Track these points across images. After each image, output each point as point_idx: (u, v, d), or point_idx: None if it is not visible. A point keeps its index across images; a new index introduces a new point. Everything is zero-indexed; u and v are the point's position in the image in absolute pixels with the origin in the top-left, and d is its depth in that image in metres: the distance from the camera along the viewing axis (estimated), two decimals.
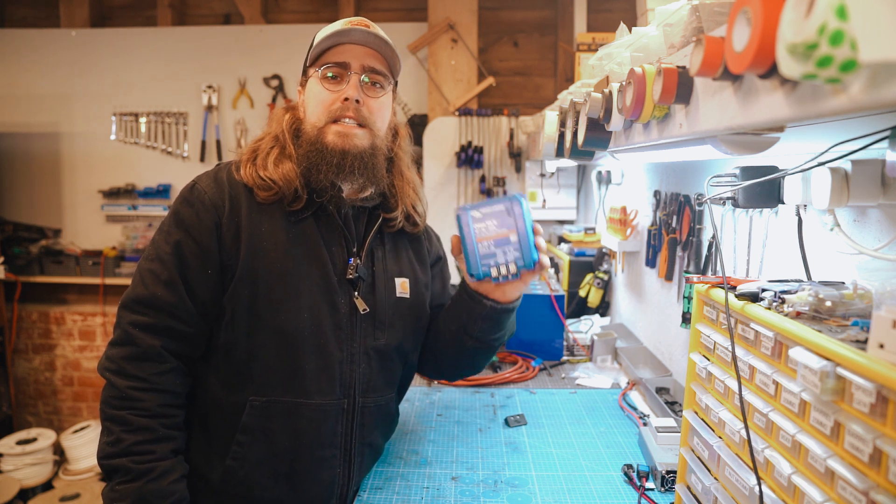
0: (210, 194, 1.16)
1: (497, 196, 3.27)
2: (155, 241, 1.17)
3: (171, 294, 1.12)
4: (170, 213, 1.18)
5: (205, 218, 1.14)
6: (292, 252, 1.16)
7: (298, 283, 1.16)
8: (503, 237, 1.19)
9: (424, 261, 1.40)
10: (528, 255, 1.17)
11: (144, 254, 1.18)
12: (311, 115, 1.22)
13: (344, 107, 1.18)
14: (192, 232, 1.14)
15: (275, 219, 1.17)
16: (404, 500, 1.25)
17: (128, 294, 1.15)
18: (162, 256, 1.14)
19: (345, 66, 1.18)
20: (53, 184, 3.91)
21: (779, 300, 0.83)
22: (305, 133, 1.22)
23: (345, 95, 1.18)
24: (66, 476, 3.46)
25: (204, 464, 1.18)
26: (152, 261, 1.14)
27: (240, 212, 1.16)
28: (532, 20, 3.64)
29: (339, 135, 1.18)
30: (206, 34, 3.76)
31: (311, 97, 1.22)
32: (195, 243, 1.14)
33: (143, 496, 1.05)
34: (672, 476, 1.26)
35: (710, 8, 0.76)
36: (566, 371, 2.08)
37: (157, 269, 1.13)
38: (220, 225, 1.15)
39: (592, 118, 1.18)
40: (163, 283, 1.12)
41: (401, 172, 1.32)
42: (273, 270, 1.14)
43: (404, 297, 1.30)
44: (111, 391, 1.10)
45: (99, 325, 4.00)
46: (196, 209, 1.15)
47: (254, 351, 1.15)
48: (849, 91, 0.45)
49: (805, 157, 0.96)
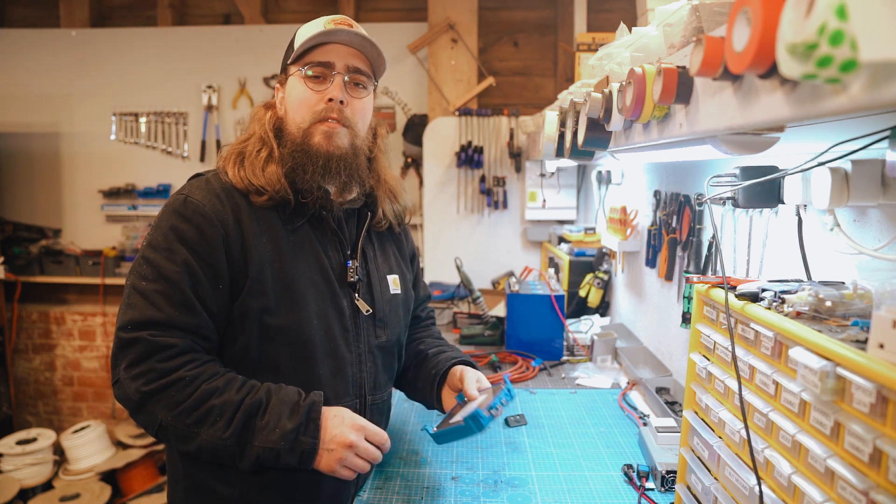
0: (210, 207, 1.10)
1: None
2: (151, 259, 1.08)
3: (190, 315, 1.07)
4: (163, 228, 1.10)
5: (210, 233, 1.09)
6: (294, 260, 1.16)
7: (305, 292, 1.15)
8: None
9: (405, 256, 1.45)
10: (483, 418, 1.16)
11: (138, 273, 1.08)
12: (294, 114, 1.19)
13: (328, 107, 1.17)
14: (196, 249, 1.08)
15: (273, 228, 1.15)
16: (404, 500, 1.25)
17: (133, 317, 1.05)
18: (169, 276, 1.06)
19: (329, 65, 1.17)
20: (53, 184, 3.91)
21: (779, 300, 0.83)
22: (289, 133, 1.19)
23: (329, 96, 1.16)
24: (66, 476, 3.46)
25: (218, 478, 1.14)
26: (156, 281, 1.06)
27: (242, 223, 1.12)
28: (532, 20, 3.64)
29: (325, 136, 1.16)
30: (206, 34, 3.76)
31: (292, 96, 1.20)
32: (203, 261, 1.08)
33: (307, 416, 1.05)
34: (672, 476, 1.26)
35: (710, 8, 0.76)
36: (566, 371, 2.08)
37: (165, 290, 1.06)
38: (227, 238, 1.10)
39: (592, 118, 1.18)
40: (177, 304, 1.06)
41: (381, 171, 1.33)
42: (280, 280, 1.13)
43: (397, 294, 1.34)
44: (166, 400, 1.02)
45: (99, 325, 4.00)
46: (196, 224, 1.09)
47: (267, 361, 1.14)
48: (849, 91, 0.45)
49: (805, 157, 0.96)
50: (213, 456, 1.04)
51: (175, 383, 1.03)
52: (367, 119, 1.26)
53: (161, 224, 1.11)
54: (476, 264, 3.29)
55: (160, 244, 1.09)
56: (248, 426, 1.03)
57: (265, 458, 1.04)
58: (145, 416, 1.05)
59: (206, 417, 1.02)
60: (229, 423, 1.02)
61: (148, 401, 1.03)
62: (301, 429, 1.04)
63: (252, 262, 1.11)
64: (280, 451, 1.03)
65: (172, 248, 1.08)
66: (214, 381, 1.05)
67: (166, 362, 1.04)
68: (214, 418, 1.03)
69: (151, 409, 1.03)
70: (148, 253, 1.09)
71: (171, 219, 1.11)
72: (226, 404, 1.03)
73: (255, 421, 1.04)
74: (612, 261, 2.52)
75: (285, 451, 1.03)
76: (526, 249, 3.38)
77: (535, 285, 2.30)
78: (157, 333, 1.04)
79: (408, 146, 3.57)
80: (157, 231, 1.11)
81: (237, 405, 1.04)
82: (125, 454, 3.56)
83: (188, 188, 1.15)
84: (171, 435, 1.05)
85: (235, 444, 1.03)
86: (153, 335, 1.04)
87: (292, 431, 1.03)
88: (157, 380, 1.02)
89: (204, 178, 1.18)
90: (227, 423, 1.02)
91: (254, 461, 1.04)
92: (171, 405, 1.02)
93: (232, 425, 1.02)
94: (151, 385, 1.02)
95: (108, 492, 3.29)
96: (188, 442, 1.04)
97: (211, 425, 1.02)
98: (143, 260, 1.10)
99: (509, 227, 3.36)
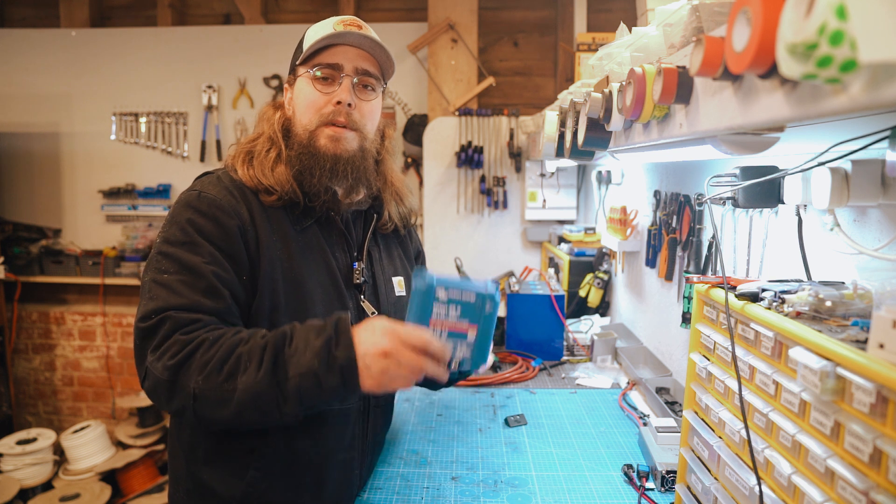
0: (225, 201, 1.10)
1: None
2: (170, 254, 1.05)
3: (216, 300, 1.04)
4: (179, 223, 1.07)
5: (228, 225, 1.08)
6: (303, 261, 1.15)
7: (313, 292, 1.15)
8: (460, 330, 1.01)
9: (410, 257, 1.44)
10: (478, 358, 1.02)
11: (157, 268, 1.05)
12: (301, 116, 1.19)
13: (336, 110, 1.16)
14: (217, 242, 1.07)
15: (283, 227, 1.15)
16: (404, 500, 1.25)
17: (156, 305, 1.01)
18: (193, 266, 1.03)
19: (337, 67, 1.16)
20: (53, 184, 3.91)
21: (779, 300, 0.83)
22: (296, 135, 1.19)
23: (337, 98, 1.16)
24: (65, 476, 3.46)
25: (221, 481, 1.14)
26: (178, 273, 1.04)
27: (255, 219, 1.12)
28: (532, 20, 3.64)
29: (331, 139, 1.16)
30: (206, 34, 3.76)
31: (300, 98, 1.19)
32: (224, 252, 1.07)
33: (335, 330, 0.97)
34: (672, 476, 1.26)
35: (710, 8, 0.76)
36: (566, 371, 2.08)
37: (189, 280, 1.03)
38: (244, 231, 1.09)
39: (592, 118, 1.18)
40: (202, 291, 1.03)
41: (388, 173, 1.32)
42: (288, 280, 1.13)
43: (402, 296, 1.33)
44: (194, 365, 0.96)
45: (99, 325, 4.00)
46: (213, 217, 1.08)
47: None
48: (849, 91, 0.45)
49: (805, 157, 0.96)
50: (256, 411, 0.96)
51: (200, 346, 0.98)
52: (376, 121, 1.25)
53: (176, 220, 1.08)
54: (476, 264, 3.29)
55: (178, 239, 1.06)
56: (278, 361, 0.96)
57: (307, 391, 0.95)
58: (178, 395, 0.97)
59: (237, 367, 0.96)
60: (260, 363, 0.95)
61: (177, 373, 0.97)
62: (331, 343, 0.96)
63: (264, 258, 1.11)
64: (318, 374, 0.94)
65: (193, 240, 1.06)
66: (239, 334, 1.01)
67: (190, 334, 0.99)
68: (245, 364, 0.96)
69: (183, 382, 0.96)
70: (165, 248, 1.06)
71: (186, 213, 1.08)
72: (253, 348, 0.97)
73: (283, 352, 0.97)
74: (612, 261, 2.52)
75: (322, 371, 0.94)
76: (526, 249, 3.38)
77: (535, 285, 2.30)
78: (181, 312, 1.00)
79: (408, 146, 3.57)
80: (172, 227, 1.08)
81: (263, 345, 0.98)
82: (125, 454, 3.56)
83: (200, 184, 1.14)
84: (208, 404, 0.96)
85: (271, 382, 0.95)
86: (178, 313, 1.00)
87: (323, 347, 0.95)
88: (183, 349, 0.97)
89: (214, 175, 1.17)
90: (258, 364, 0.95)
91: (297, 399, 0.95)
92: (199, 367, 0.96)
93: (263, 364, 0.95)
94: (178, 356, 0.97)
95: (108, 492, 3.29)
96: (226, 404, 0.95)
97: (243, 373, 0.95)
98: (162, 256, 1.06)
99: (509, 227, 3.36)
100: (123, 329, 4.01)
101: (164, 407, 1.01)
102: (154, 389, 1.00)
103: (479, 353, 1.03)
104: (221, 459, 1.14)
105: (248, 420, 0.97)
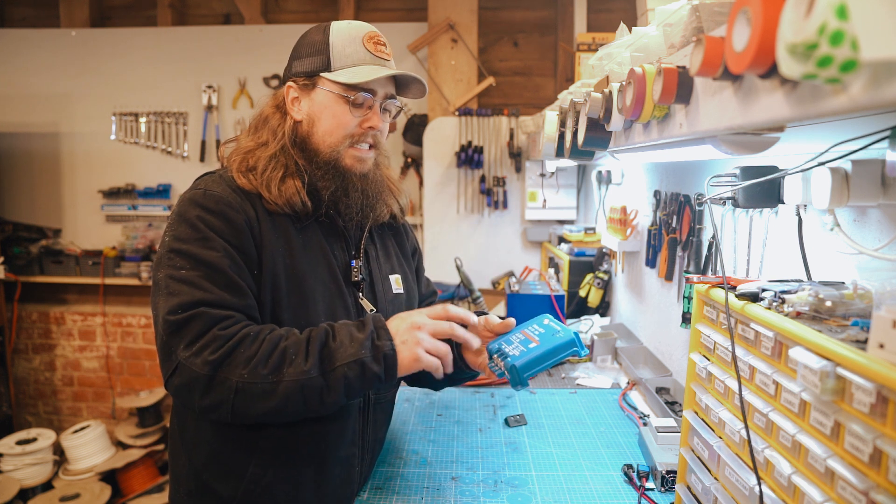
0: (231, 198, 1.11)
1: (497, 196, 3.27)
2: (182, 251, 1.05)
3: (239, 296, 1.06)
4: (188, 221, 1.08)
5: (236, 220, 1.09)
6: (304, 258, 1.16)
7: (314, 289, 1.16)
8: (528, 338, 1.16)
9: (407, 254, 1.45)
10: (522, 370, 1.09)
11: (171, 265, 1.05)
12: (326, 134, 1.18)
13: (366, 133, 1.20)
14: (227, 237, 1.08)
15: (284, 224, 1.16)
16: (404, 500, 1.25)
17: (182, 300, 1.01)
18: (209, 261, 1.04)
19: (372, 93, 1.19)
20: (53, 184, 3.92)
21: (779, 300, 0.83)
22: (319, 152, 1.18)
23: (370, 124, 1.19)
24: (65, 476, 3.46)
25: (223, 480, 1.14)
26: (195, 268, 1.04)
27: (258, 217, 1.13)
28: (532, 20, 3.64)
29: (358, 160, 1.20)
30: (206, 34, 3.76)
31: (327, 113, 1.17)
32: (235, 247, 1.08)
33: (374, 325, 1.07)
34: (672, 476, 1.26)
35: (710, 8, 0.76)
36: (566, 371, 2.08)
37: (209, 275, 1.04)
38: (250, 225, 1.11)
39: (592, 118, 1.18)
40: (224, 286, 1.04)
41: (383, 171, 1.34)
42: (290, 276, 1.14)
43: (399, 293, 1.34)
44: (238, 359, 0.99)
45: (99, 325, 4.01)
46: (221, 212, 1.09)
47: None
48: (849, 91, 0.45)
49: (805, 157, 0.96)
50: (300, 400, 1.00)
51: (242, 341, 1.01)
52: (387, 135, 1.30)
53: (185, 217, 1.08)
54: (476, 264, 3.29)
55: (189, 235, 1.06)
56: (324, 353, 1.03)
57: (352, 378, 1.01)
58: (218, 390, 0.99)
59: (283, 360, 1.01)
60: (307, 356, 1.02)
61: (219, 368, 0.98)
62: (374, 336, 1.05)
63: (267, 254, 1.12)
64: (364, 362, 1.01)
65: (206, 236, 1.06)
66: (276, 331, 1.05)
67: (227, 329, 1.01)
68: (291, 357, 1.01)
69: (224, 375, 0.98)
70: (177, 245, 1.06)
71: (194, 211, 1.09)
72: (297, 343, 1.03)
73: (328, 346, 1.04)
74: (612, 261, 2.52)
75: (368, 359, 1.02)
76: (526, 249, 3.38)
77: (535, 285, 2.30)
78: (212, 308, 1.02)
79: (408, 146, 3.57)
80: (181, 225, 1.08)
81: (306, 340, 1.04)
82: (125, 454, 3.56)
83: (203, 183, 1.14)
84: (250, 397, 0.99)
85: (319, 373, 1.00)
86: (209, 309, 1.02)
87: (368, 339, 1.04)
88: (224, 344, 0.99)
89: (216, 175, 1.18)
90: (305, 356, 1.01)
91: (342, 388, 1.01)
92: (244, 362, 0.99)
93: (310, 357, 1.01)
94: (220, 351, 0.98)
95: (108, 492, 3.29)
96: (270, 396, 0.99)
97: (290, 364, 1.00)
98: (174, 253, 1.06)
99: (509, 227, 3.36)
100: (123, 329, 4.01)
101: (194, 403, 1.02)
102: (187, 385, 1.00)
103: (526, 367, 1.09)
104: (223, 457, 1.15)
105: (290, 412, 1.02)
